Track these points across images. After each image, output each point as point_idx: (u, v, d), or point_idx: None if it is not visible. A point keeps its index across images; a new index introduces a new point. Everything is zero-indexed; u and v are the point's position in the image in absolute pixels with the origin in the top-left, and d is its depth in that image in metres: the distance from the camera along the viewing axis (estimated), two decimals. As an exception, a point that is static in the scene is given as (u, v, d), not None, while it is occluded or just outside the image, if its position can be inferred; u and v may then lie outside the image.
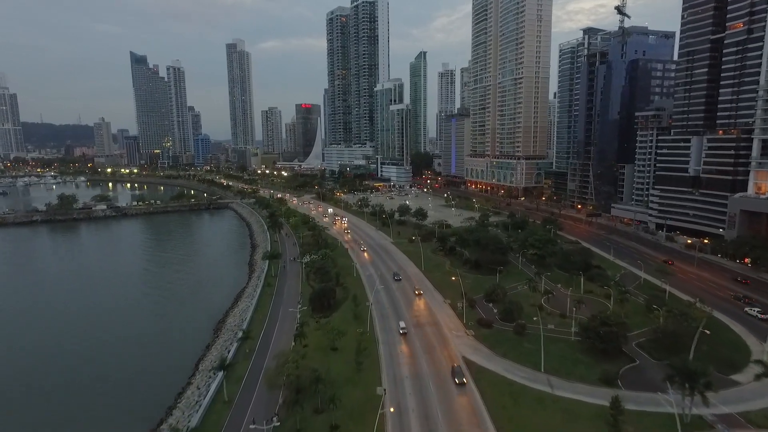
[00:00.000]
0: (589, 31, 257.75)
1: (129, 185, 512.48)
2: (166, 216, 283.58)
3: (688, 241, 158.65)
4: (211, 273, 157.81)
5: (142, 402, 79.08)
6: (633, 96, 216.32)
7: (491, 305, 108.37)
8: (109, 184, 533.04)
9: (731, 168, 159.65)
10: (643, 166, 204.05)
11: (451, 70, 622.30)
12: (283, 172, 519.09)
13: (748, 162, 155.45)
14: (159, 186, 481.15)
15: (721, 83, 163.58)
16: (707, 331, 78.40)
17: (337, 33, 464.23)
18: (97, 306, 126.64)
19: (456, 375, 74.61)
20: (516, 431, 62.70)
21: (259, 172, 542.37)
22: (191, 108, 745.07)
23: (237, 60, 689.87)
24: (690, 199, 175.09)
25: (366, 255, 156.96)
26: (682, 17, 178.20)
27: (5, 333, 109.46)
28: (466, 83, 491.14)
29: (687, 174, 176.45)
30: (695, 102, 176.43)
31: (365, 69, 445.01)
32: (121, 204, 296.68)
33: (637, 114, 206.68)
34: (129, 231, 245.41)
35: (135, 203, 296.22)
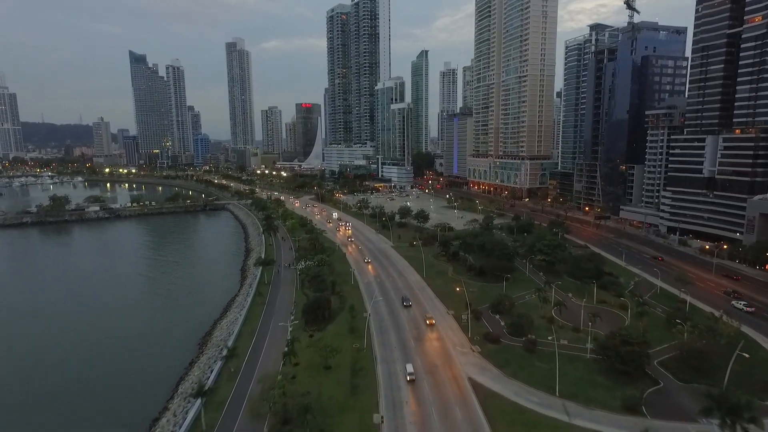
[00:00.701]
0: (597, 28, 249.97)
1: (127, 185, 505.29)
2: (160, 218, 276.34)
3: (705, 247, 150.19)
4: (202, 279, 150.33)
5: (114, 429, 71.68)
6: (643, 94, 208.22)
7: (498, 317, 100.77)
8: (107, 184, 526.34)
9: (749, 169, 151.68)
10: (654, 166, 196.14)
11: (453, 69, 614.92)
12: (283, 172, 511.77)
13: (767, 163, 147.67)
14: (158, 186, 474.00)
15: (738, 80, 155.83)
16: (746, 355, 70.46)
17: (338, 31, 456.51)
18: (78, 314, 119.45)
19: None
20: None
21: (258, 172, 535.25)
22: (191, 108, 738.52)
23: (237, 59, 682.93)
24: (704, 202, 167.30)
25: (370, 267, 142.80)
26: (696, 11, 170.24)
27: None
28: (468, 82, 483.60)
29: (701, 175, 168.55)
30: (710, 100, 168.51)
31: (366, 67, 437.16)
32: (116, 205, 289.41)
33: (648, 112, 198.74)
34: (121, 233, 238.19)
35: (129, 204, 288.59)
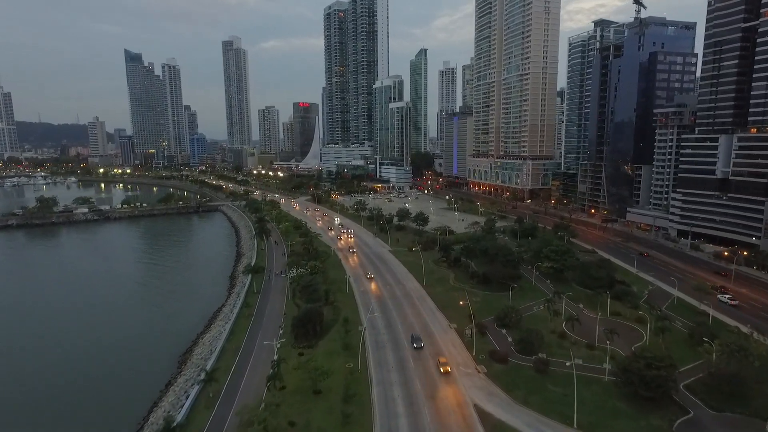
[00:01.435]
0: (601, 24, 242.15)
1: (121, 186, 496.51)
2: (152, 219, 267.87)
3: (724, 253, 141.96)
4: (189, 286, 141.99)
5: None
6: (650, 91, 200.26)
7: (504, 331, 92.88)
8: (101, 185, 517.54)
9: (767, 170, 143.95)
10: (663, 167, 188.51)
11: (453, 68, 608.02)
12: (280, 172, 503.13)
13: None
14: (153, 187, 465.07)
15: (754, 76, 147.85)
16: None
17: (335, 28, 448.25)
18: (51, 324, 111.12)
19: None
20: None
21: (255, 172, 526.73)
22: (187, 107, 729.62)
23: (233, 58, 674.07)
24: (717, 204, 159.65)
25: (373, 286, 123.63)
26: (708, 4, 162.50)
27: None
28: (468, 81, 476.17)
29: (714, 176, 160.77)
30: (723, 97, 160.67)
31: (364, 65, 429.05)
32: (105, 207, 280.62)
33: (656, 111, 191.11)
34: (109, 236, 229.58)
35: (119, 206, 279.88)
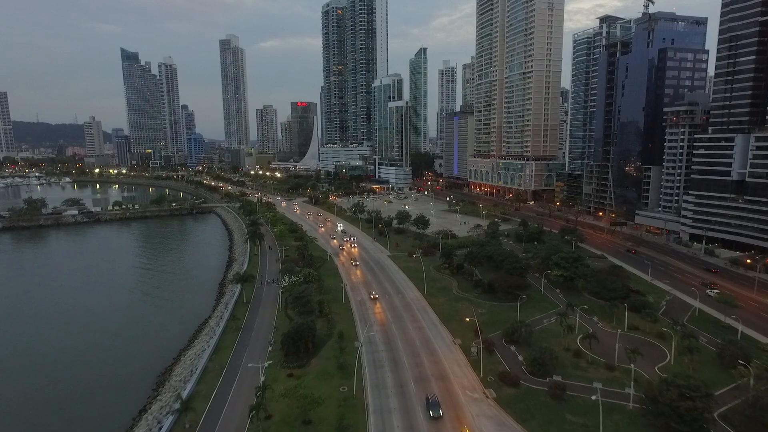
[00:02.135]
0: (607, 20, 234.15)
1: (117, 186, 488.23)
2: (143, 222, 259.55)
3: (747, 261, 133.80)
4: (175, 295, 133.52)
5: None
6: (660, 89, 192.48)
7: (514, 348, 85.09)
8: (97, 185, 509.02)
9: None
10: (673, 168, 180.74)
11: (452, 67, 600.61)
12: (277, 173, 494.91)
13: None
14: (149, 187, 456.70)
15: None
16: None
17: (333, 26, 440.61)
18: (21, 339, 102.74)
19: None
20: None
21: (252, 172, 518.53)
22: (185, 106, 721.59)
23: (230, 56, 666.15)
24: (732, 207, 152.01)
25: (378, 308, 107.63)
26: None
27: None
28: (468, 80, 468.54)
29: (729, 178, 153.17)
30: (739, 95, 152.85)
31: (362, 64, 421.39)
32: (96, 209, 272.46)
33: (666, 109, 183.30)
34: (97, 240, 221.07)
35: (110, 208, 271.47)
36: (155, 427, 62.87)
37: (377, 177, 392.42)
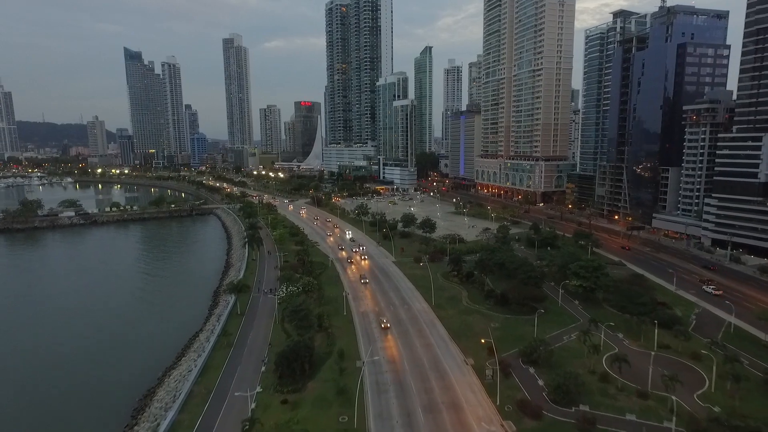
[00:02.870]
0: (622, 14, 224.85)
1: (119, 187, 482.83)
2: (141, 224, 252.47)
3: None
4: (167, 304, 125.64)
5: None
6: (678, 87, 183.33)
7: (533, 370, 76.75)
8: (99, 185, 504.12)
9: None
10: (693, 169, 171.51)
11: (458, 66, 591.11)
12: (281, 173, 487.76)
13: None
14: (151, 188, 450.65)
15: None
16: None
17: (337, 24, 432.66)
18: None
19: None
20: None
21: (255, 173, 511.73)
22: (188, 106, 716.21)
23: (234, 56, 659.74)
24: (760, 211, 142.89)
25: (389, 336, 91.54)
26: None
27: None
28: (474, 79, 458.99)
29: (756, 180, 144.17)
30: (767, 92, 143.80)
31: (367, 62, 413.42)
32: (93, 210, 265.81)
33: (686, 107, 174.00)
34: (92, 243, 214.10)
35: (108, 209, 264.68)
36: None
37: (382, 177, 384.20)
